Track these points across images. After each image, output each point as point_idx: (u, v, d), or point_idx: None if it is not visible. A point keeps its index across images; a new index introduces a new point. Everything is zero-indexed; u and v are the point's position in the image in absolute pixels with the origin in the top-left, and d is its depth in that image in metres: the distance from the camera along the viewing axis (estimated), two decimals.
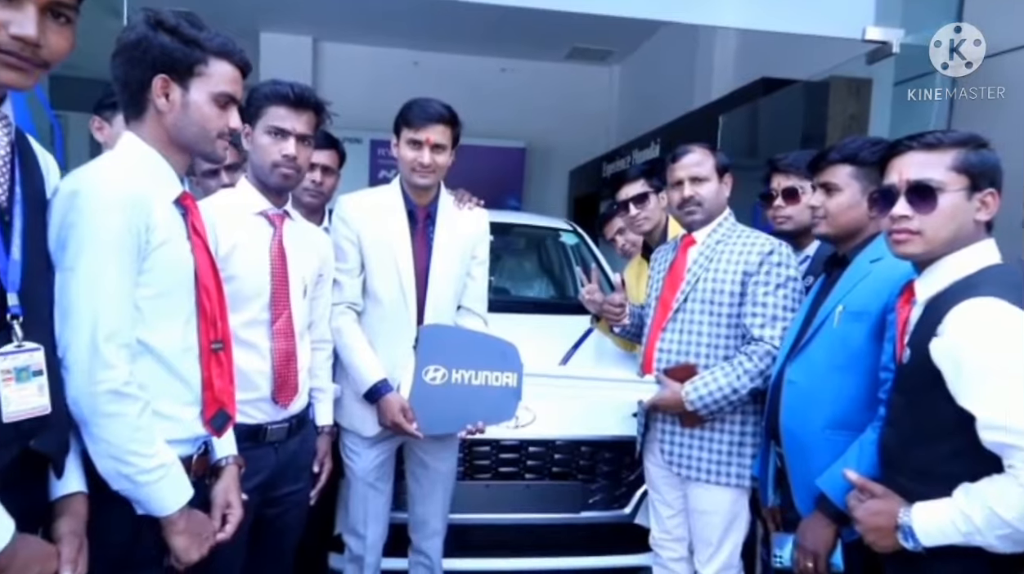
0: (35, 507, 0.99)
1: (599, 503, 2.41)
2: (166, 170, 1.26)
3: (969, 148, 1.18)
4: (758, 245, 1.89)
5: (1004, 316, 1.07)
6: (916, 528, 1.12)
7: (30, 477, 0.98)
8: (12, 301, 0.93)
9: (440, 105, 1.91)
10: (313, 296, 1.83)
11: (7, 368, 0.88)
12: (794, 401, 1.53)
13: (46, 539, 1.00)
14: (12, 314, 0.93)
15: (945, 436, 1.12)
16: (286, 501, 1.74)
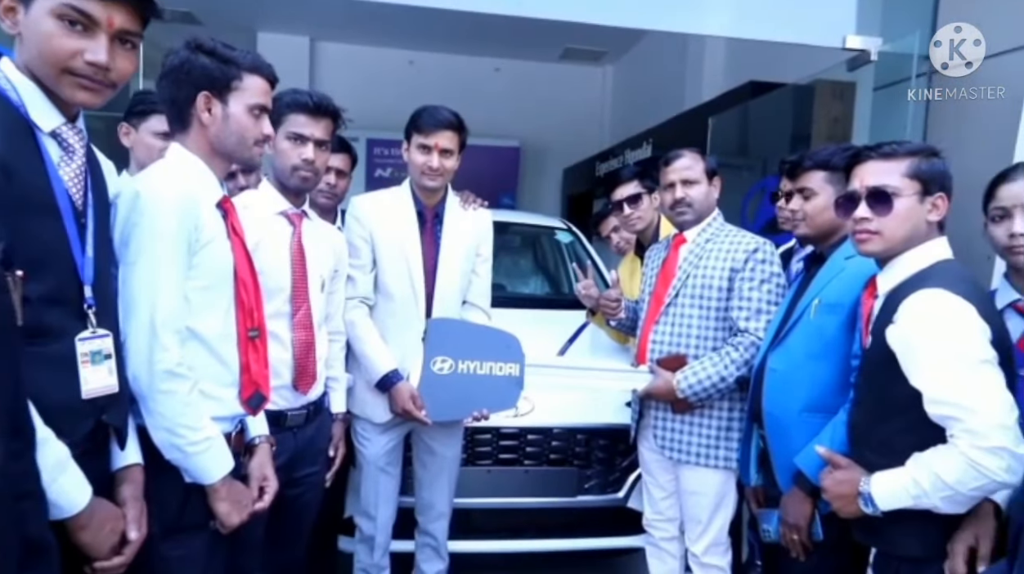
0: (103, 475, 1.12)
1: (594, 487, 2.54)
2: (209, 176, 1.39)
3: (921, 157, 1.33)
4: (744, 243, 2.02)
5: (948, 305, 1.22)
6: (874, 495, 1.27)
7: (99, 448, 1.10)
8: (88, 293, 1.05)
9: (448, 112, 2.03)
10: (329, 291, 1.95)
11: (85, 351, 1.00)
12: (775, 387, 1.67)
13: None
14: (88, 305, 1.06)
15: (900, 412, 1.27)
16: (304, 482, 1.87)
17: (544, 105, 8.43)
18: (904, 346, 1.24)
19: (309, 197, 1.93)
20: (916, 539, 1.25)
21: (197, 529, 1.31)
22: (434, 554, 2.29)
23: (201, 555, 1.32)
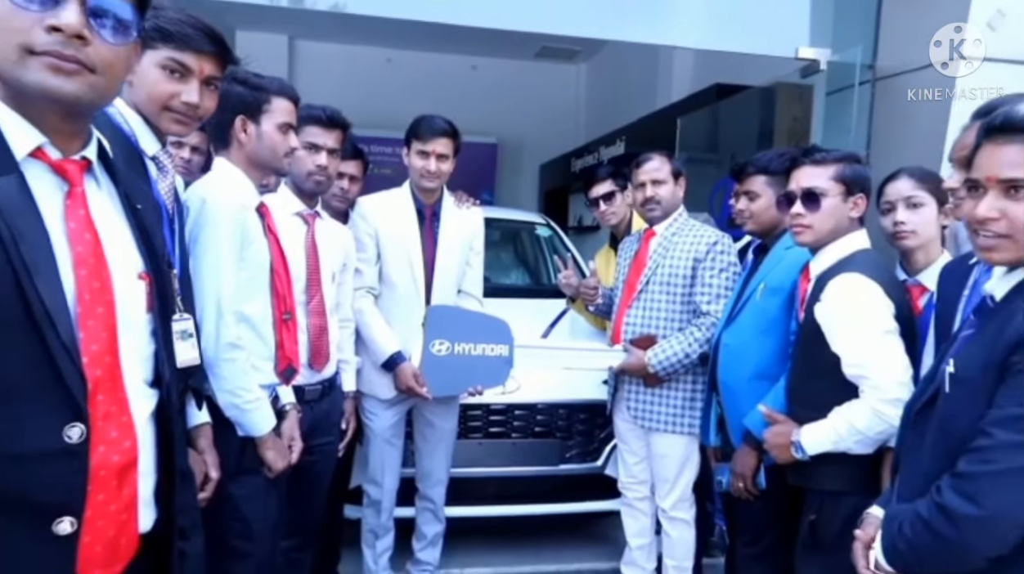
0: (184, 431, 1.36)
1: (575, 457, 2.82)
2: (249, 185, 1.63)
3: (845, 164, 1.62)
4: (706, 237, 2.31)
5: (861, 286, 1.50)
6: (803, 442, 1.56)
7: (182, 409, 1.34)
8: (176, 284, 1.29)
9: (443, 121, 2.28)
10: (339, 282, 2.19)
11: (178, 330, 1.23)
12: (728, 359, 1.96)
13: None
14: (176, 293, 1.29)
15: (825, 374, 1.55)
16: (319, 451, 2.10)
17: (520, 102, 8.57)
18: (827, 319, 1.53)
19: (323, 201, 2.16)
20: (835, 477, 1.54)
21: (253, 473, 1.58)
22: (433, 517, 2.54)
23: (259, 493, 1.60)
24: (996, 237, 1.05)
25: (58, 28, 0.77)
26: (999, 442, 0.98)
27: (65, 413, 0.76)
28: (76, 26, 0.78)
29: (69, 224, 0.81)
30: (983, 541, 1.00)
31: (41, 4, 0.77)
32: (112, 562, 0.84)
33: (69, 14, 0.77)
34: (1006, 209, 1.04)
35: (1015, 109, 1.05)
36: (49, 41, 0.77)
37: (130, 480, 0.84)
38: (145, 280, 0.89)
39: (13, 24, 0.76)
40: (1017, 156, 1.02)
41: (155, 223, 0.97)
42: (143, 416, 0.87)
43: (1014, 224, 1.03)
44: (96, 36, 0.80)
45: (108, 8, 0.81)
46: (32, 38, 0.77)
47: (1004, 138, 1.04)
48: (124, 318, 0.84)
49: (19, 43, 0.77)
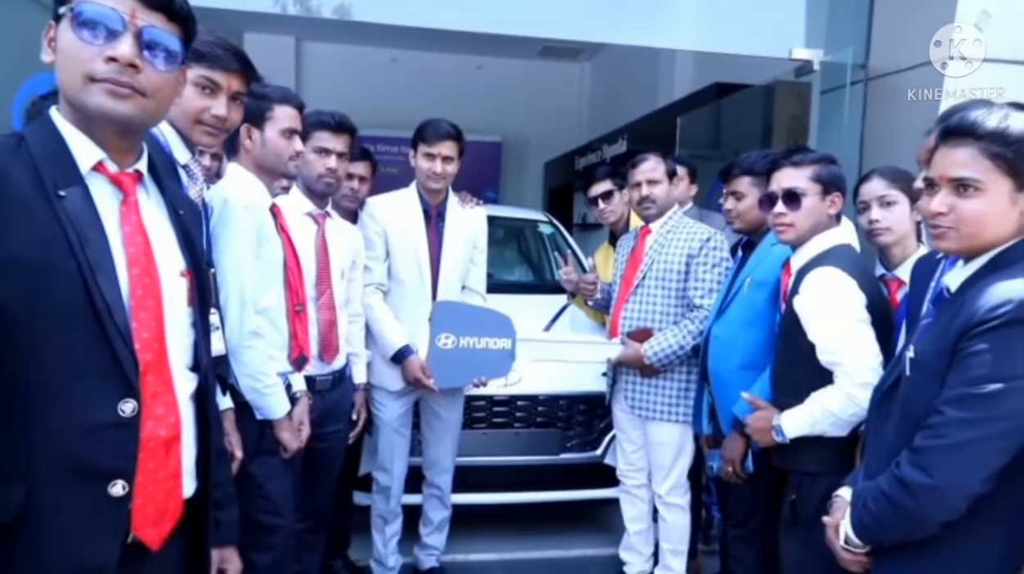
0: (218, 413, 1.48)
1: (575, 446, 2.94)
2: (261, 188, 1.75)
3: (822, 165, 1.72)
4: (699, 233, 2.41)
5: (835, 279, 1.61)
6: (783, 427, 1.67)
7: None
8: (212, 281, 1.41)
9: (449, 125, 2.39)
10: (348, 278, 2.30)
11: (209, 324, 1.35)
12: (718, 351, 2.07)
13: None
14: None
15: (805, 362, 1.66)
16: (330, 438, 2.22)
17: (525, 101, 8.64)
18: (804, 310, 1.64)
19: (334, 202, 2.28)
20: (813, 458, 1.65)
21: (272, 454, 1.71)
22: (439, 503, 2.66)
23: (277, 472, 1.73)
24: (948, 229, 1.16)
25: (115, 58, 0.89)
26: (949, 419, 1.09)
27: (120, 390, 0.88)
28: (129, 56, 0.89)
29: (124, 229, 0.93)
30: (936, 509, 1.10)
31: (102, 39, 0.89)
32: (161, 522, 0.95)
33: (124, 46, 0.89)
34: (955, 204, 1.14)
35: (966, 116, 1.15)
36: (107, 70, 0.89)
37: (175, 452, 0.96)
38: (187, 277, 1.01)
39: (80, 57, 0.89)
40: (966, 157, 1.13)
41: (195, 226, 1.08)
42: (185, 396, 0.99)
43: (961, 218, 1.14)
44: (147, 65, 0.92)
45: (159, 41, 0.93)
46: (93, 67, 0.89)
47: (956, 141, 1.14)
48: (169, 310, 0.96)
49: (83, 72, 0.89)
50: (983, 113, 1.13)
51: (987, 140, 1.12)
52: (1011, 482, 1.06)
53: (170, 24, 0.94)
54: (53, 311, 0.84)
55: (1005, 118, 1.13)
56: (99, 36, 0.89)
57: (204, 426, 1.04)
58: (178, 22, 0.95)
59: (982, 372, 1.05)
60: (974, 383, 1.06)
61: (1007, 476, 1.06)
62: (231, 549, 1.21)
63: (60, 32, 0.90)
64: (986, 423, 1.05)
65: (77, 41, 0.88)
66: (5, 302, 0.81)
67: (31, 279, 0.83)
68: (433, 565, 2.70)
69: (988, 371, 1.05)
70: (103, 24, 0.89)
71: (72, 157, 0.91)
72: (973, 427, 1.06)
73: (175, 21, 0.94)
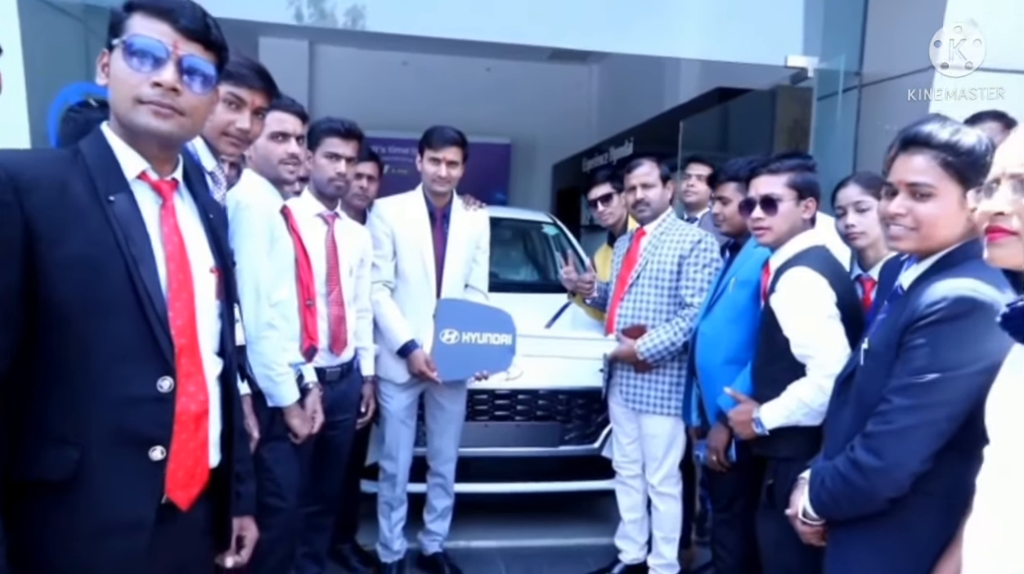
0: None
1: (573, 439, 3.06)
2: (271, 191, 1.89)
3: (797, 172, 1.84)
4: (691, 235, 2.53)
5: (807, 278, 1.72)
6: (762, 418, 1.78)
7: None
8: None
9: (453, 131, 2.52)
10: (356, 275, 2.44)
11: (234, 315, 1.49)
12: (704, 346, 2.19)
13: None
14: None
15: (782, 356, 1.77)
16: (340, 426, 2.36)
17: (534, 103, 8.76)
18: (779, 307, 1.76)
19: (344, 201, 2.41)
20: (787, 445, 1.76)
21: (281, 439, 1.85)
22: (443, 491, 2.79)
23: (285, 457, 1.86)
24: (904, 229, 1.28)
25: (159, 83, 1.02)
26: (895, 406, 1.21)
27: (159, 369, 1.02)
28: (172, 82, 1.03)
29: (163, 229, 1.06)
30: (885, 487, 1.22)
31: (149, 66, 1.03)
32: (190, 486, 1.09)
33: (167, 73, 1.03)
34: (912, 208, 1.26)
35: (922, 128, 1.27)
36: (153, 93, 1.03)
37: (203, 425, 1.09)
38: (215, 274, 1.14)
39: (129, 81, 1.03)
40: (922, 165, 1.25)
41: (222, 228, 1.22)
42: (212, 377, 1.13)
43: (917, 219, 1.26)
44: (187, 88, 1.05)
45: (197, 68, 1.06)
46: (141, 91, 1.03)
47: (913, 150, 1.26)
48: (201, 301, 1.09)
49: (132, 95, 1.03)
50: (937, 126, 1.25)
51: (940, 150, 1.24)
52: (944, 461, 1.17)
53: (207, 53, 1.08)
54: (104, 301, 0.98)
55: (956, 132, 1.25)
56: (146, 64, 1.02)
57: (228, 405, 1.18)
58: (213, 51, 1.09)
59: (922, 363, 1.17)
60: (915, 373, 1.18)
61: (941, 456, 1.18)
62: (249, 519, 1.35)
63: (113, 60, 1.04)
64: (926, 409, 1.17)
65: (127, 68, 1.03)
66: (67, 295, 0.96)
67: (86, 274, 0.97)
68: (436, 550, 2.84)
69: (927, 362, 1.16)
70: (150, 53, 1.03)
71: (120, 167, 1.05)
72: (915, 413, 1.18)
73: (211, 50, 1.08)
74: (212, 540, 1.23)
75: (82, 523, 0.98)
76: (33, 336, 0.95)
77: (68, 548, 0.98)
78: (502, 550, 3.08)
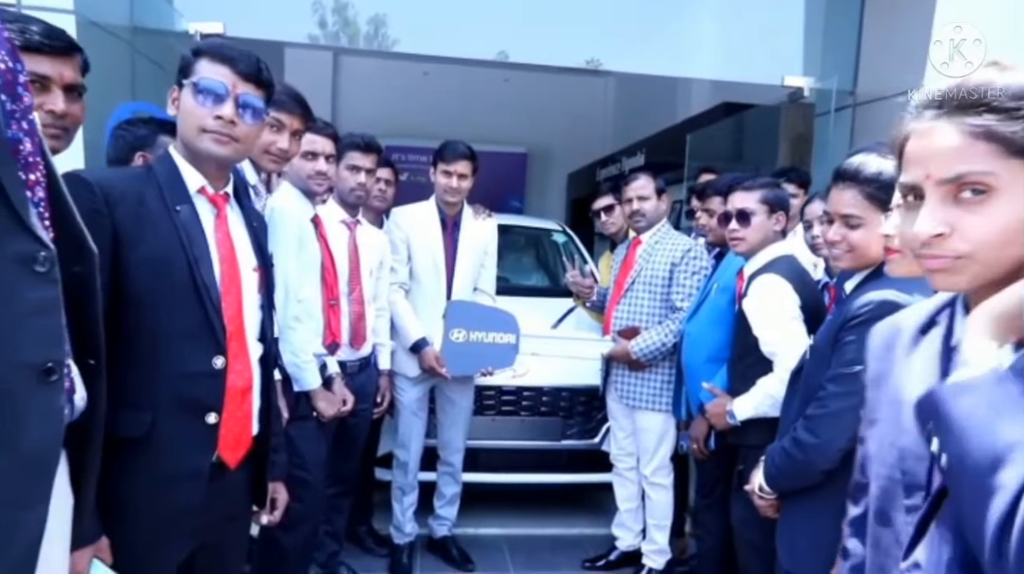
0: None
1: (575, 434, 3.26)
2: (303, 200, 2.14)
3: (768, 189, 2.04)
4: (682, 244, 2.73)
5: (774, 284, 1.92)
6: (735, 410, 1.98)
7: None
8: None
9: (464, 147, 2.76)
10: (376, 277, 2.68)
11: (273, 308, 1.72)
12: (690, 346, 2.39)
13: None
14: None
15: (752, 353, 1.97)
16: (358, 414, 2.57)
17: (550, 113, 8.94)
18: (750, 309, 1.96)
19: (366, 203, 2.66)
20: (755, 434, 1.95)
21: (305, 419, 2.08)
22: (451, 479, 3.02)
23: (309, 434, 2.10)
24: (842, 252, 1.48)
25: (220, 116, 1.27)
26: (830, 393, 1.41)
27: (213, 350, 1.25)
28: (230, 115, 1.28)
29: (217, 234, 1.30)
30: (820, 461, 1.42)
31: (211, 102, 1.27)
32: (237, 448, 1.32)
33: (227, 108, 1.28)
34: (846, 234, 1.47)
35: (851, 161, 1.47)
36: (215, 124, 1.27)
37: (248, 398, 1.33)
38: (257, 272, 1.38)
39: (196, 114, 1.28)
40: (850, 198, 1.45)
41: (263, 234, 1.46)
42: (255, 359, 1.36)
43: (851, 244, 1.46)
44: (241, 120, 1.29)
45: (250, 103, 1.31)
46: (205, 122, 1.27)
47: (843, 184, 1.47)
48: (246, 295, 1.33)
49: (198, 125, 1.28)
50: (863, 159, 1.45)
51: (865, 184, 1.44)
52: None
53: (258, 90, 1.32)
54: (170, 292, 1.22)
55: (881, 164, 1.45)
56: (209, 100, 1.27)
57: (266, 385, 1.42)
58: (263, 88, 1.34)
59: (851, 357, 1.37)
60: (846, 365, 1.38)
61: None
62: (280, 484, 1.58)
63: (183, 96, 1.29)
64: (853, 395, 1.36)
65: (195, 103, 1.27)
66: (142, 288, 1.20)
67: (158, 270, 1.21)
68: (445, 534, 3.06)
69: (855, 356, 1.36)
70: (213, 92, 1.27)
71: (184, 183, 1.30)
72: (845, 398, 1.38)
73: (261, 88, 1.33)
74: (251, 499, 1.46)
75: (153, 473, 1.22)
76: (117, 322, 1.19)
77: (142, 494, 1.21)
78: (507, 537, 3.29)
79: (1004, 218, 0.69)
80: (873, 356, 0.92)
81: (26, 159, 0.80)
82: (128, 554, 1.16)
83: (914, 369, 0.81)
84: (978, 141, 0.70)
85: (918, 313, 0.87)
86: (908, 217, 0.76)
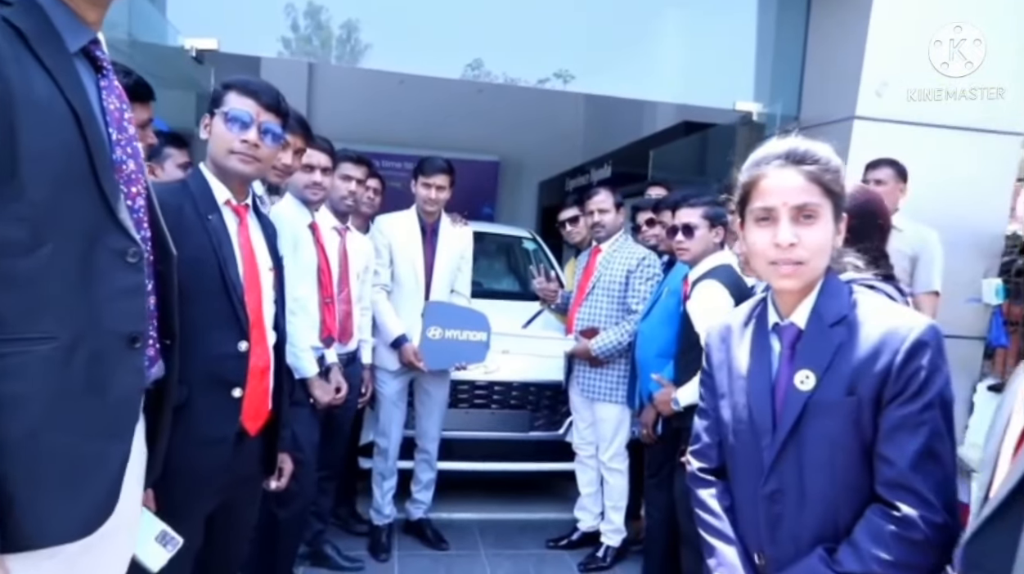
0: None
1: (542, 426, 3.56)
2: (301, 208, 2.39)
3: (710, 206, 2.36)
4: (637, 253, 3.05)
5: (714, 288, 2.23)
6: (679, 398, 2.29)
7: None
8: None
9: (443, 161, 3.04)
10: (362, 280, 2.94)
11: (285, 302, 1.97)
12: (642, 343, 2.70)
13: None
14: None
15: (693, 348, 2.27)
16: (344, 404, 2.83)
17: (522, 124, 9.14)
18: (692, 310, 2.27)
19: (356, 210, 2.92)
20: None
21: (301, 405, 2.32)
22: (428, 466, 3.28)
23: (304, 419, 2.33)
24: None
25: (246, 140, 1.53)
26: None
27: (238, 335, 1.51)
28: (254, 140, 1.55)
29: (240, 239, 1.56)
30: None
31: (238, 128, 1.54)
32: (256, 419, 1.58)
33: (251, 134, 1.54)
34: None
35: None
36: (241, 147, 1.54)
37: (266, 377, 1.59)
38: (272, 271, 1.64)
39: (225, 138, 1.54)
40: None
41: (275, 239, 1.72)
42: (271, 344, 1.62)
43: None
44: (263, 143, 1.56)
45: (270, 129, 1.57)
46: (233, 145, 1.54)
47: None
48: (264, 290, 1.59)
49: (227, 148, 1.54)
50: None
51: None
52: None
53: (277, 118, 1.59)
54: (204, 287, 1.47)
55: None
56: (236, 127, 1.54)
57: (278, 368, 1.67)
58: (281, 116, 1.61)
59: None
60: None
61: None
62: (286, 455, 1.84)
63: (215, 123, 1.57)
64: None
65: (224, 129, 1.55)
66: (182, 284, 1.44)
67: (194, 269, 1.46)
68: (421, 517, 3.31)
69: None
70: (240, 120, 1.54)
71: (213, 195, 1.56)
72: None
73: (280, 116, 1.60)
74: (263, 466, 1.72)
75: (190, 437, 1.46)
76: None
77: (180, 454, 1.45)
78: (478, 521, 3.56)
79: (823, 236, 1.06)
80: (714, 348, 1.27)
81: (128, 176, 1.05)
82: (169, 504, 1.40)
83: (743, 351, 1.18)
84: (811, 183, 1.06)
85: (740, 313, 1.23)
86: (760, 233, 1.08)
